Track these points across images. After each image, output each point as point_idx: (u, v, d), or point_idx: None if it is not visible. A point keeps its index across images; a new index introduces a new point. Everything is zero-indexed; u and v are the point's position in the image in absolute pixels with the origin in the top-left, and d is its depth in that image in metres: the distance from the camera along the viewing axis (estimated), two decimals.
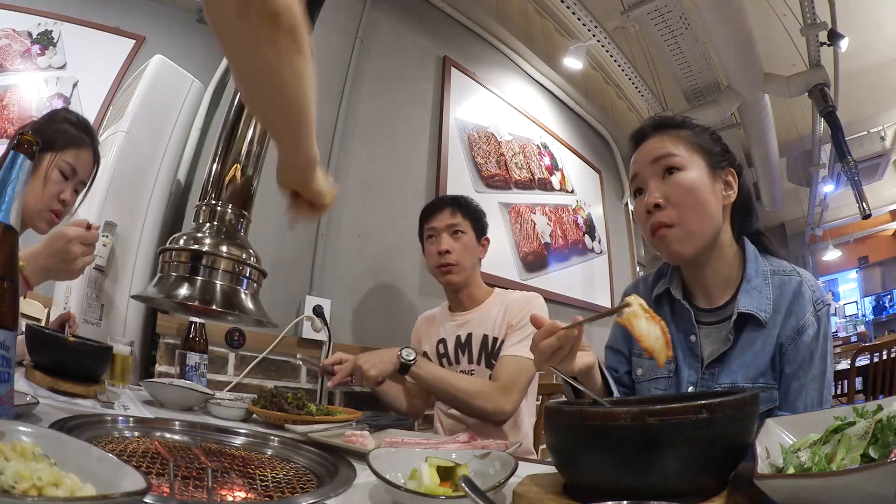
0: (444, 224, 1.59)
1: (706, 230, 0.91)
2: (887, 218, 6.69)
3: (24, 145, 0.59)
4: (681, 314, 0.98)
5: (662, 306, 1.01)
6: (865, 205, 3.83)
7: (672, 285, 1.00)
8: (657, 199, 0.91)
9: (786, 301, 0.90)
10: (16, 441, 0.41)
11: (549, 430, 0.60)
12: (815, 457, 0.49)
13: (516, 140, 2.91)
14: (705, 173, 0.92)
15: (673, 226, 0.91)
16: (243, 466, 0.73)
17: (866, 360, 2.96)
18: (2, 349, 0.53)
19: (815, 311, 0.89)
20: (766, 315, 0.88)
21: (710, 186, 0.92)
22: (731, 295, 0.94)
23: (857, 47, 3.38)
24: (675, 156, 0.92)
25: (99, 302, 1.69)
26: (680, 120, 0.98)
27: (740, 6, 2.84)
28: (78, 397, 0.95)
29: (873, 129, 4.67)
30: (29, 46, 2.28)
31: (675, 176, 0.91)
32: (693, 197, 0.90)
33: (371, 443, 0.90)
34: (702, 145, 0.94)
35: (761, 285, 0.91)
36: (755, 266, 0.94)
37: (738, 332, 0.90)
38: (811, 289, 0.91)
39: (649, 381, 1.00)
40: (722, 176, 0.95)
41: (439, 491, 0.59)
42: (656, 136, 0.96)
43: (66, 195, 1.21)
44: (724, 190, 0.94)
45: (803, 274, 0.94)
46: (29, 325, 1.06)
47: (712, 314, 0.95)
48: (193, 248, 0.92)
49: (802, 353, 0.87)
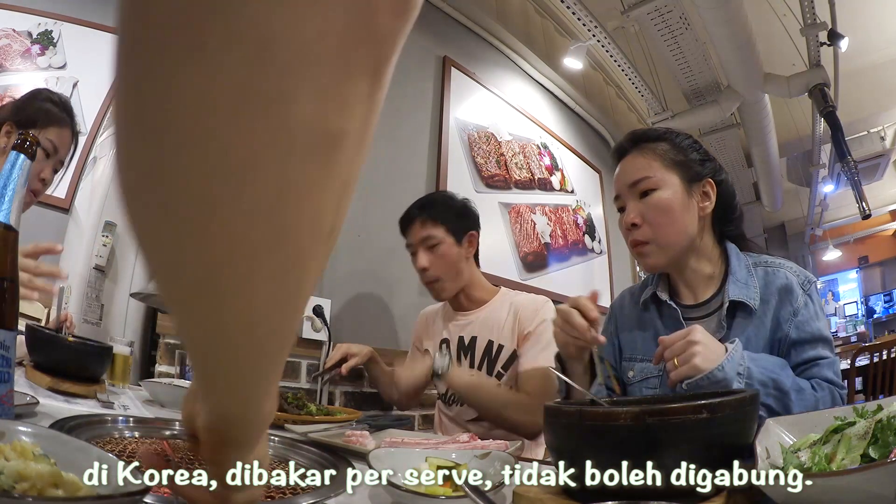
0: (418, 238, 1.50)
1: (680, 242, 1.00)
2: (887, 218, 6.68)
3: (24, 145, 0.59)
4: (668, 314, 1.04)
5: (650, 310, 1.07)
6: (865, 205, 3.83)
7: (658, 288, 1.06)
8: (634, 220, 1.00)
9: (774, 293, 0.95)
10: (16, 441, 0.41)
11: (549, 430, 0.60)
12: (815, 457, 0.49)
13: (516, 140, 2.91)
14: (679, 190, 1.00)
15: (648, 242, 1.00)
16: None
17: (866, 360, 2.96)
18: (2, 349, 0.53)
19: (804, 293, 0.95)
20: (755, 302, 0.94)
21: (685, 202, 1.00)
22: (715, 289, 1.01)
23: (856, 47, 3.38)
24: (649, 178, 1.00)
25: (99, 302, 1.69)
26: (657, 134, 1.05)
27: (740, 6, 2.84)
28: (78, 397, 0.95)
29: (873, 129, 4.67)
30: (29, 46, 2.28)
31: (651, 197, 1.00)
32: (667, 216, 0.99)
33: (371, 443, 0.90)
34: (678, 161, 1.01)
35: (746, 277, 0.98)
36: (737, 261, 1.01)
37: (731, 320, 0.96)
38: (795, 275, 0.97)
39: (640, 382, 1.04)
40: (699, 188, 1.02)
41: (439, 491, 0.59)
42: (634, 152, 1.04)
43: (46, 174, 1.24)
44: (700, 202, 1.01)
45: (784, 265, 1.00)
46: (29, 325, 1.06)
47: (699, 309, 1.02)
48: None
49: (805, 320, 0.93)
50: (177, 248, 0.20)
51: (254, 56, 0.16)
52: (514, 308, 1.49)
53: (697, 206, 1.01)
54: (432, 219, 1.49)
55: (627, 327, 1.11)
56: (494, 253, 2.57)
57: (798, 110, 4.15)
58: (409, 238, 1.53)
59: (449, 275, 1.49)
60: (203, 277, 0.21)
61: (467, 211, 1.57)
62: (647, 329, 1.06)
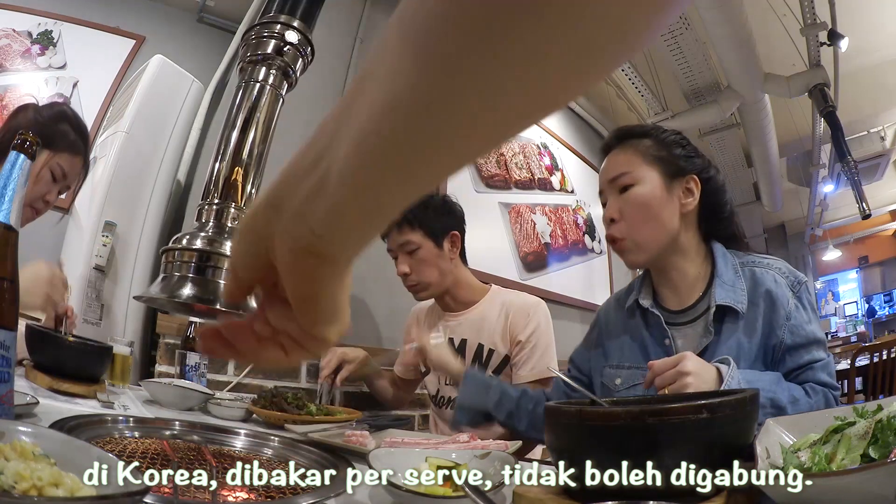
0: (397, 244, 1.45)
1: (658, 239, 0.99)
2: (887, 218, 6.68)
3: (24, 145, 0.59)
4: (653, 321, 1.02)
5: (635, 317, 1.06)
6: (865, 205, 3.83)
7: (641, 295, 1.05)
8: (612, 214, 1.01)
9: (763, 295, 0.94)
10: (16, 441, 0.41)
11: (550, 430, 0.60)
12: (815, 457, 0.49)
13: (516, 140, 2.92)
14: (659, 186, 0.99)
15: (624, 238, 0.99)
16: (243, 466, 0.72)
17: (866, 360, 2.96)
18: (2, 349, 0.53)
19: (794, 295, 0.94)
20: (742, 306, 0.93)
21: (664, 198, 0.99)
22: (700, 293, 0.99)
23: (856, 48, 3.38)
24: (627, 173, 1.00)
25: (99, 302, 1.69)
26: (642, 130, 1.05)
27: (740, 6, 2.84)
28: (78, 397, 0.95)
29: (873, 129, 4.67)
30: (29, 46, 2.28)
31: (629, 192, 1.00)
32: (644, 212, 0.98)
33: (371, 443, 0.90)
34: (659, 156, 1.00)
35: (733, 279, 0.96)
36: (724, 262, 0.99)
37: (719, 325, 0.94)
38: (784, 276, 0.96)
39: (627, 389, 1.03)
40: (681, 184, 1.00)
41: (439, 491, 0.59)
42: (618, 148, 1.04)
43: (51, 196, 1.25)
44: (682, 198, 1.00)
45: (773, 265, 0.99)
46: (29, 324, 1.06)
47: (684, 314, 1.00)
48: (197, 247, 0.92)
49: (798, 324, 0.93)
50: None
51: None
52: (505, 309, 1.46)
53: (679, 202, 0.99)
54: (408, 223, 1.43)
55: (614, 334, 1.10)
56: (494, 253, 2.57)
57: (798, 110, 4.14)
58: (389, 243, 1.48)
59: (430, 278, 1.45)
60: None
61: (447, 209, 1.50)
62: (634, 337, 1.05)
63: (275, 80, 0.84)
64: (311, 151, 0.25)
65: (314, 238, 0.24)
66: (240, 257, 0.29)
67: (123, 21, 2.47)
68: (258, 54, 0.83)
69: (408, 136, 0.21)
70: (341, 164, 0.23)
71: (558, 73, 0.19)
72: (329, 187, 0.23)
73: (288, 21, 0.83)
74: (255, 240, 0.27)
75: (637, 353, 1.03)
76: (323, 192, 0.23)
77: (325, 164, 0.23)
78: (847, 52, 3.27)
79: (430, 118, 0.20)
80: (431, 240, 1.44)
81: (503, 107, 0.20)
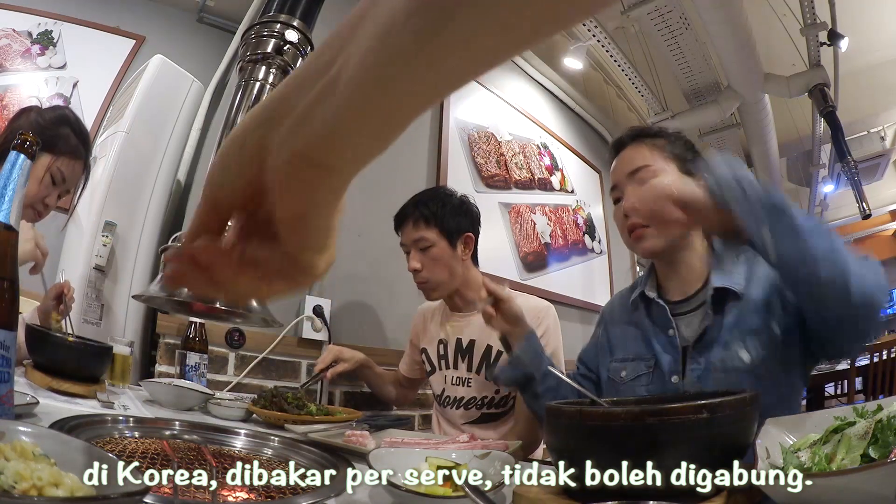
0: (411, 239, 1.46)
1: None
2: (887, 218, 6.67)
3: (24, 145, 0.59)
4: (657, 312, 1.05)
5: (640, 309, 1.09)
6: (865, 205, 3.83)
7: (647, 287, 1.08)
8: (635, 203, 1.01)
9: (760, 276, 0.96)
10: (16, 441, 0.41)
11: (550, 430, 0.60)
12: (815, 457, 0.49)
13: (516, 140, 2.91)
14: (678, 178, 1.02)
15: (648, 225, 1.01)
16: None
17: (866, 360, 2.96)
18: (2, 349, 0.53)
19: None
20: (740, 287, 0.95)
21: None
22: (702, 283, 1.02)
23: (856, 48, 3.38)
24: (649, 166, 1.02)
25: (99, 302, 1.69)
26: (655, 131, 1.09)
27: (740, 6, 2.84)
28: (78, 397, 0.95)
29: (873, 129, 4.67)
30: (29, 46, 2.28)
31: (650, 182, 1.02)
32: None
33: (371, 443, 0.90)
34: (675, 154, 1.04)
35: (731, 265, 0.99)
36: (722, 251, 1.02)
37: (719, 309, 0.96)
38: None
39: (633, 381, 1.05)
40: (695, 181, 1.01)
41: (439, 491, 0.59)
42: (633, 145, 1.07)
43: (51, 200, 1.24)
44: None
45: None
46: (29, 324, 1.06)
47: (687, 303, 1.03)
48: None
49: None
50: None
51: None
52: None
53: None
54: (425, 219, 1.44)
55: (618, 329, 1.14)
56: (494, 253, 2.57)
57: (798, 110, 4.14)
58: (403, 237, 1.51)
59: (441, 277, 1.45)
60: None
61: (464, 210, 1.51)
62: (637, 328, 1.09)
63: (275, 80, 0.84)
64: (322, 57, 0.24)
65: (318, 141, 0.23)
66: (222, 178, 0.27)
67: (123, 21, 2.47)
68: (258, 53, 0.83)
69: (430, 37, 0.20)
70: (359, 59, 0.22)
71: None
72: (340, 85, 0.22)
73: (288, 20, 0.83)
74: (243, 159, 0.25)
75: (641, 345, 1.06)
76: (334, 90, 0.23)
77: (339, 65, 0.23)
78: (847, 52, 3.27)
79: (453, 20, 0.20)
80: (446, 239, 1.45)
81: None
